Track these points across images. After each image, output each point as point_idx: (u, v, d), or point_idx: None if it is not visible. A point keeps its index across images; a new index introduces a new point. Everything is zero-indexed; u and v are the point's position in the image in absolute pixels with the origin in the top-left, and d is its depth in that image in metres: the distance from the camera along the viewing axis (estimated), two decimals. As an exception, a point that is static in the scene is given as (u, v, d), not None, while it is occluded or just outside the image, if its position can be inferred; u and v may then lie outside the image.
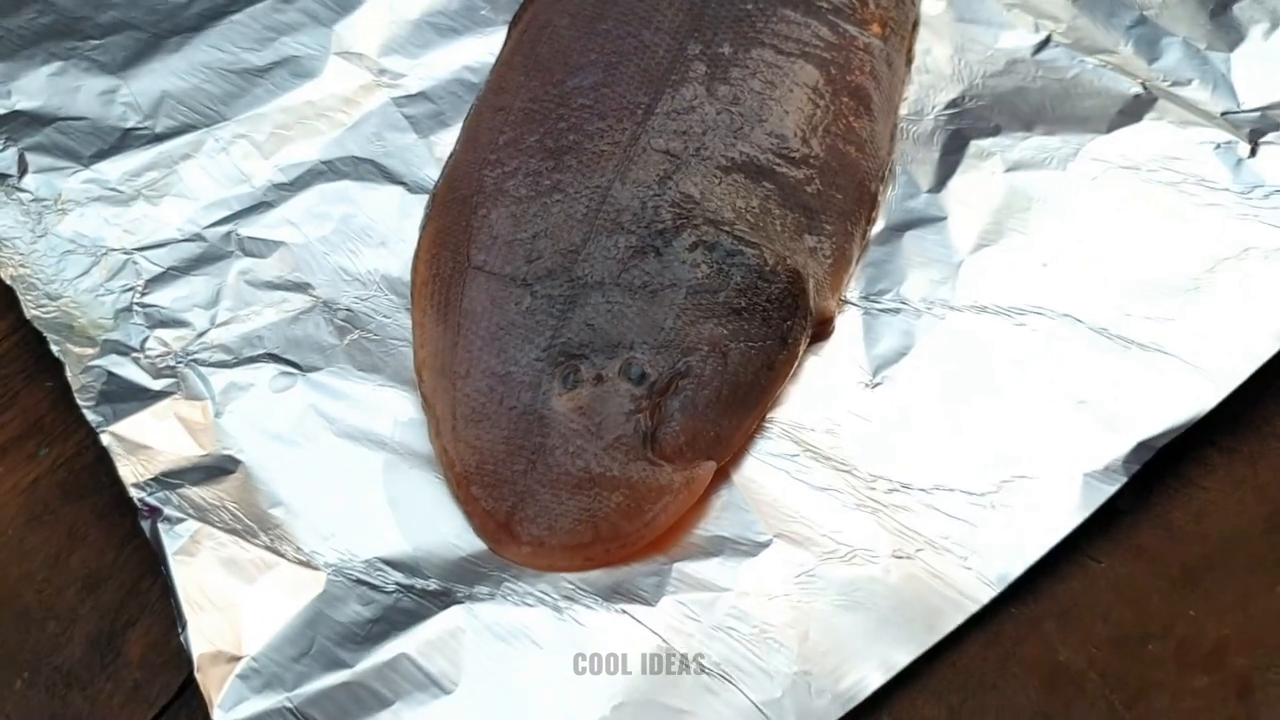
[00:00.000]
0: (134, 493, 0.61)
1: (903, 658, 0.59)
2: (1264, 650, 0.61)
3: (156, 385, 0.66)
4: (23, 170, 0.74)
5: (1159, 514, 0.66)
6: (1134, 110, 0.79)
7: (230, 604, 0.59)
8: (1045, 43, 0.83)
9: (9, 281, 0.70)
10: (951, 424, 0.66)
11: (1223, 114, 0.78)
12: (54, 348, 0.66)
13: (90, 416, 0.63)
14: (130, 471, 0.62)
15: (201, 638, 0.58)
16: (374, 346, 0.69)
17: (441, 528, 0.62)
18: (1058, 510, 0.63)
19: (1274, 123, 0.77)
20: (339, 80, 0.80)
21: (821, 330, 0.70)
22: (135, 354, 0.67)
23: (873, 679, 0.59)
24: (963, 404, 0.67)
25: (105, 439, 0.63)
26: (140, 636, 0.61)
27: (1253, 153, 0.75)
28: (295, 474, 0.64)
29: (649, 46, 0.76)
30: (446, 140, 0.77)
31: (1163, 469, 0.66)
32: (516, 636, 0.59)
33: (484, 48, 0.82)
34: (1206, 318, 0.69)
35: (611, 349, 0.65)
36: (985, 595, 0.61)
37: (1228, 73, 0.79)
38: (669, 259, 0.68)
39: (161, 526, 0.60)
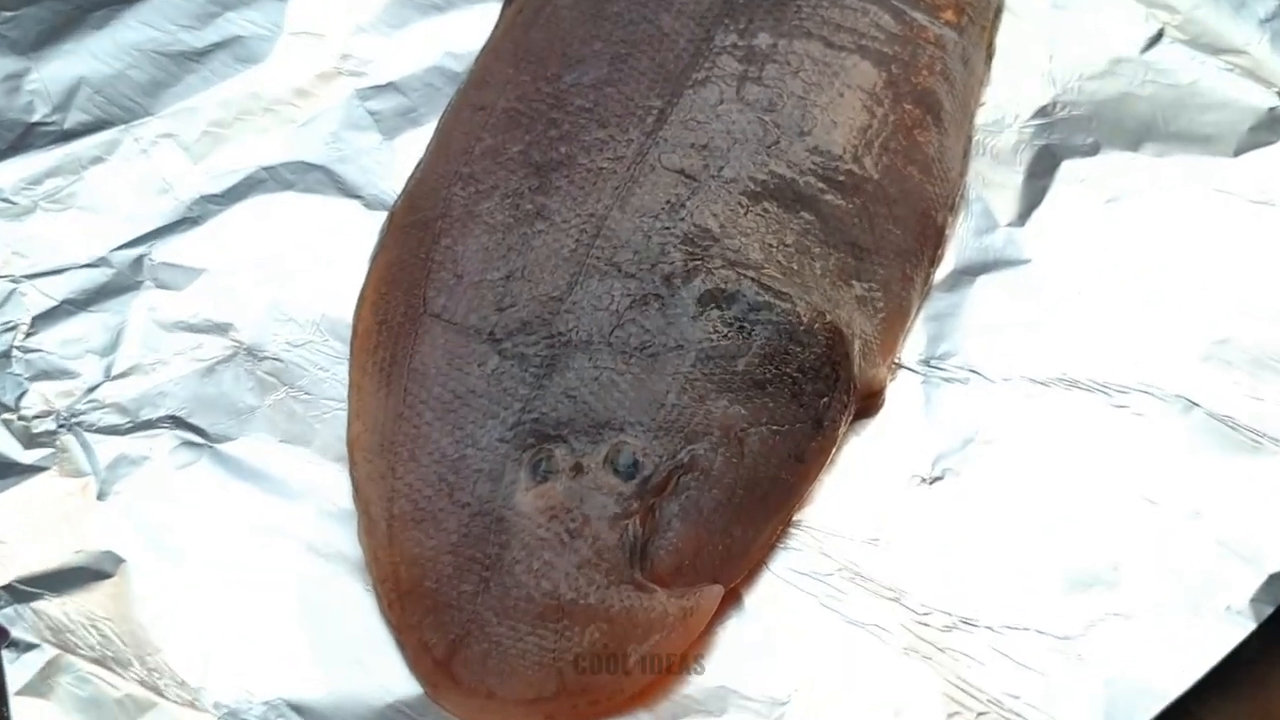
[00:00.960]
0: (-26, 607, 0.47)
1: None
2: None
3: (28, 457, 0.53)
4: (-107, 170, 0.61)
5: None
6: (1269, 127, 0.64)
7: (87, 765, 0.46)
8: (1158, 38, 0.68)
9: None
10: (1030, 537, 0.52)
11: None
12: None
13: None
14: (-27, 576, 0.48)
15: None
16: (303, 409, 0.55)
17: (368, 661, 0.49)
18: (1164, 663, 0.48)
19: None
20: (291, 66, 0.66)
21: (868, 405, 0.56)
22: (7, 414, 0.54)
23: None
24: (1044, 509, 0.53)
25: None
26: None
27: None
28: (188, 580, 0.50)
29: (668, 35, 0.61)
30: (417, 143, 0.63)
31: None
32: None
33: (471, 29, 0.68)
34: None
35: (596, 430, 0.51)
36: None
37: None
38: (676, 313, 0.53)
39: (5, 655, 0.47)
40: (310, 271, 0.60)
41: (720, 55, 0.60)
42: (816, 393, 0.53)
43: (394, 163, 0.63)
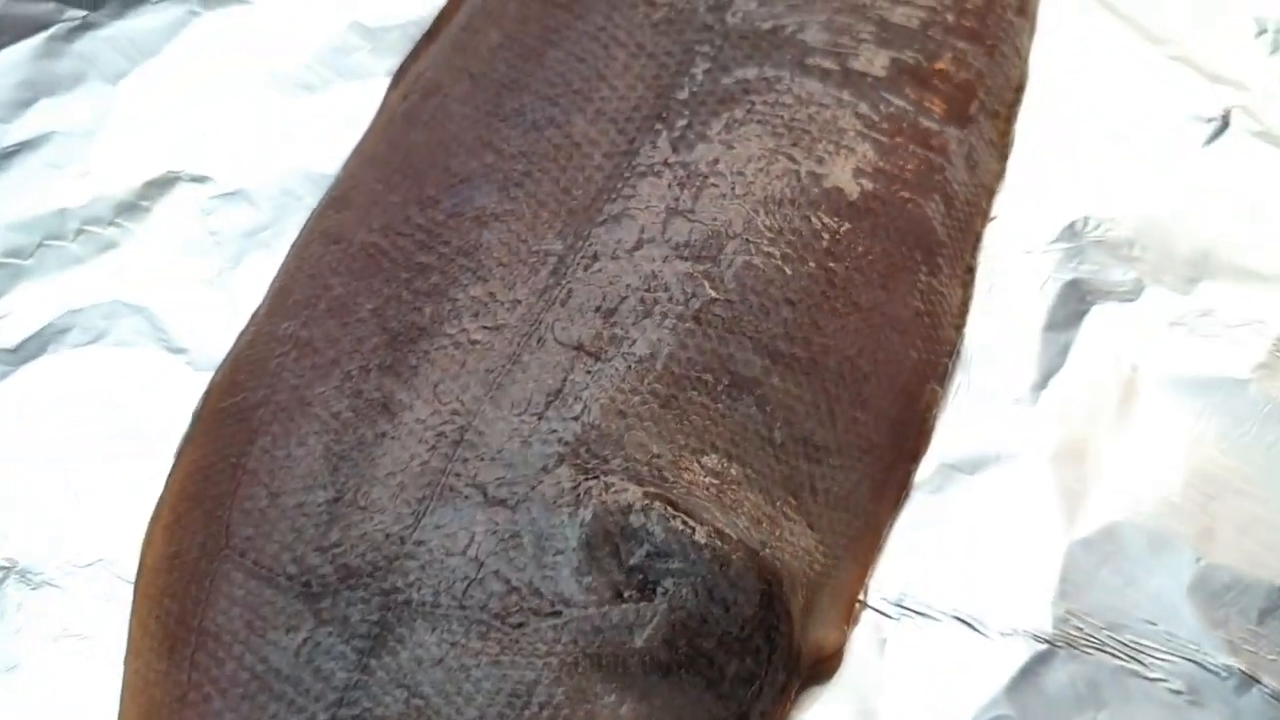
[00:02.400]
0: None
1: None
2: None
3: None
4: None
5: None
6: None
7: None
8: (1223, 127, 0.52)
9: None
10: None
11: None
12: None
13: None
14: None
15: None
16: (79, 664, 0.42)
17: None
18: None
19: None
20: (116, 170, 0.52)
21: (818, 672, 0.42)
22: None
23: None
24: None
25: None
26: None
27: None
28: None
29: (579, 146, 0.47)
30: (266, 275, 0.49)
31: None
32: None
33: (350, 115, 0.53)
34: None
35: (433, 740, 0.37)
36: None
37: None
38: (555, 560, 0.39)
39: None
40: (115, 461, 0.46)
41: (644, 177, 0.46)
42: (742, 676, 0.39)
43: (234, 303, 0.50)
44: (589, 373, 0.42)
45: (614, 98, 0.49)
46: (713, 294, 0.44)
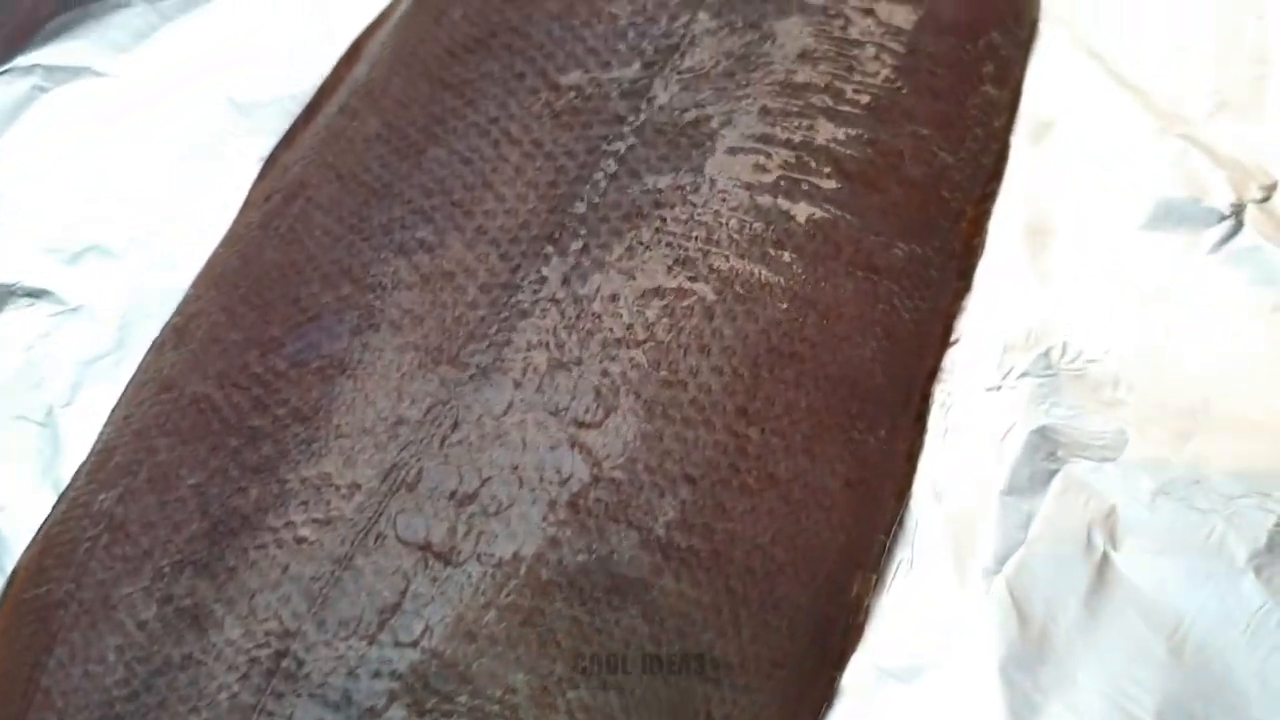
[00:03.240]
0: None
1: None
2: None
3: None
4: None
5: None
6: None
7: None
8: (1236, 228, 0.44)
9: None
10: None
11: None
12: None
13: None
14: None
15: None
16: None
17: None
18: None
19: None
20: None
21: None
22: None
23: None
24: None
25: None
26: None
27: None
28: None
29: (451, 276, 0.40)
30: (104, 413, 0.42)
31: None
32: None
33: (215, 211, 0.46)
34: None
35: None
36: None
37: None
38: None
39: None
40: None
41: (526, 317, 0.39)
42: None
43: (62, 451, 0.43)
44: (435, 581, 0.35)
45: (499, 211, 0.41)
46: (595, 472, 0.36)
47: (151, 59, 0.50)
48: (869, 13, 0.45)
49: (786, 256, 0.41)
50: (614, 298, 0.39)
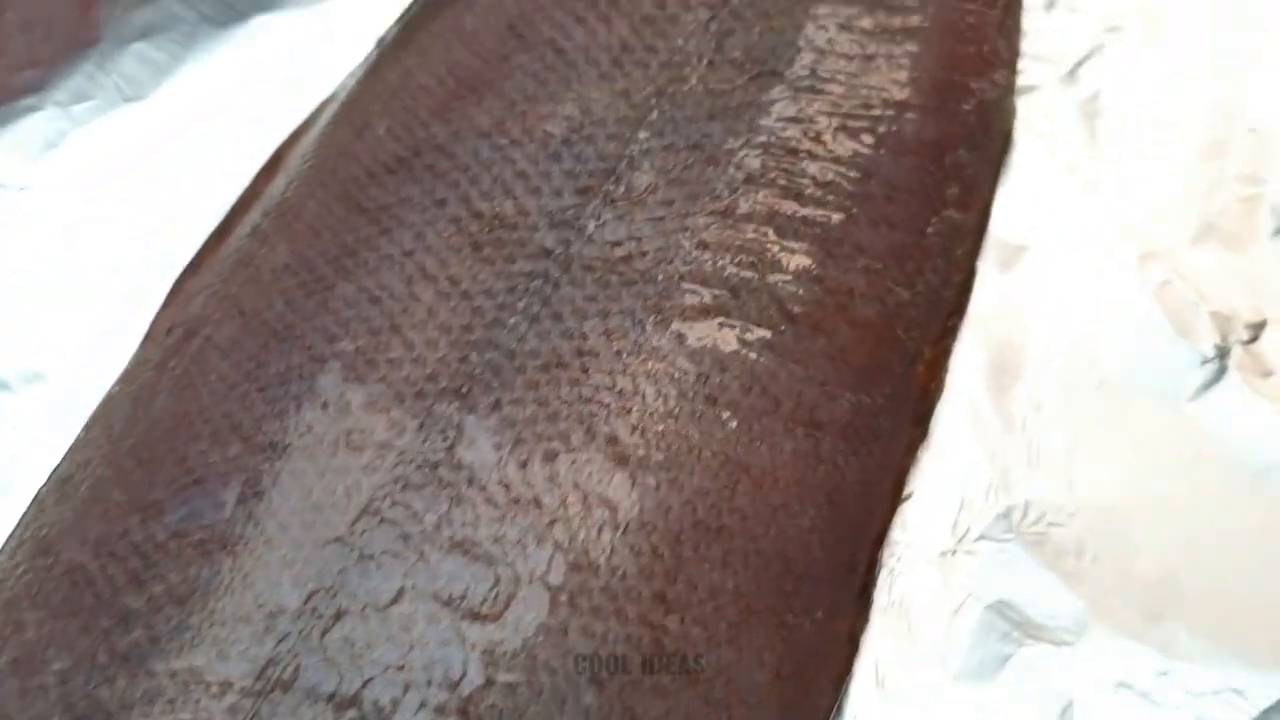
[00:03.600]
0: None
1: None
2: None
3: None
4: None
5: None
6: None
7: None
8: (1220, 372, 0.41)
9: None
10: None
11: None
12: None
13: None
14: None
15: None
16: None
17: None
18: None
19: None
20: None
21: None
22: None
23: None
24: None
25: None
26: None
27: None
28: None
29: (352, 436, 0.37)
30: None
31: None
32: None
33: (122, 337, 0.43)
34: None
35: None
36: None
37: None
38: None
39: None
40: None
41: (419, 490, 0.35)
42: None
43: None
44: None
45: (406, 360, 0.38)
46: (489, 674, 0.33)
47: (63, 166, 0.47)
48: (819, 138, 0.42)
49: (719, 414, 0.37)
50: (523, 464, 0.36)
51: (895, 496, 0.40)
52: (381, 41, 0.48)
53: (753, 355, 0.38)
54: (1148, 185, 0.45)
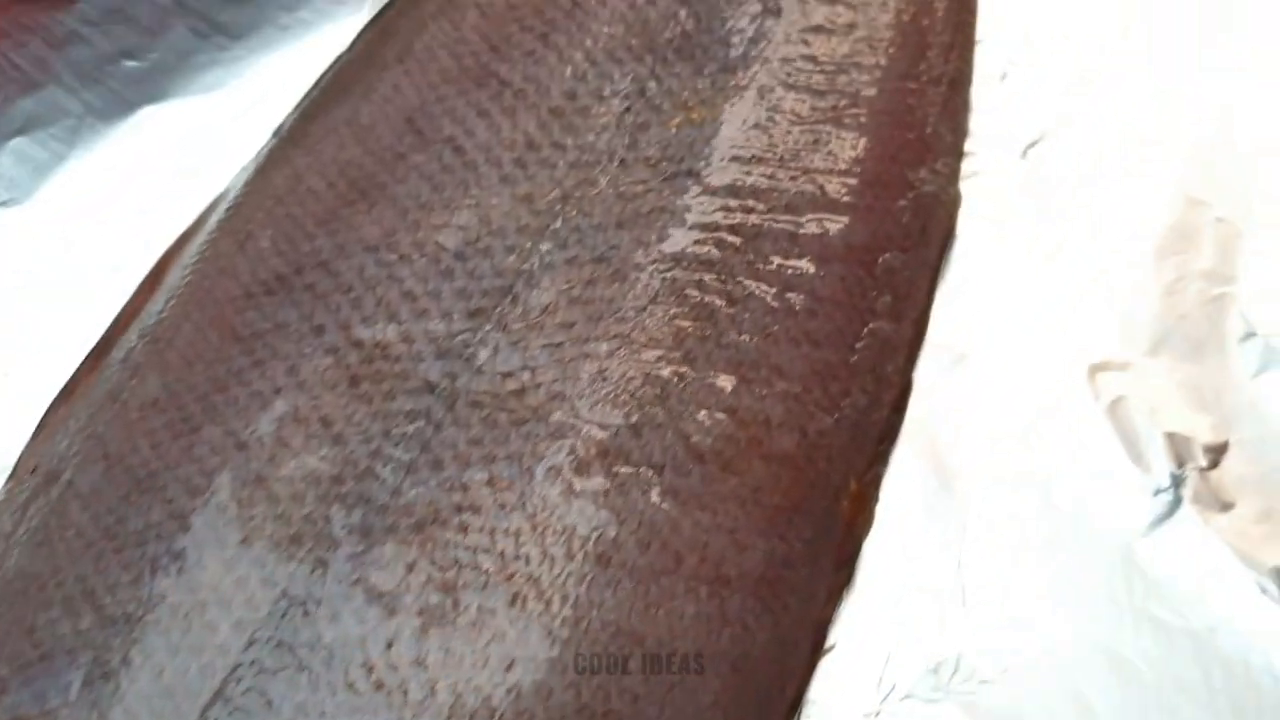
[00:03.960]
0: None
1: None
2: None
3: None
4: None
5: None
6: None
7: None
8: (1174, 504, 0.37)
9: None
10: None
11: None
12: None
13: None
14: None
15: None
16: None
17: None
18: None
19: None
20: None
21: None
22: None
23: None
24: None
25: None
26: None
27: None
28: None
29: (207, 608, 0.34)
30: None
31: None
32: None
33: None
34: None
35: None
36: None
37: None
38: None
39: None
40: None
41: (275, 674, 0.32)
42: None
43: None
44: None
45: (269, 518, 0.35)
46: None
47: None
48: (738, 249, 0.38)
49: (611, 578, 0.34)
50: (388, 645, 0.33)
51: (815, 652, 0.36)
52: (278, 132, 0.45)
53: (652, 504, 0.35)
54: (1103, 283, 0.41)
